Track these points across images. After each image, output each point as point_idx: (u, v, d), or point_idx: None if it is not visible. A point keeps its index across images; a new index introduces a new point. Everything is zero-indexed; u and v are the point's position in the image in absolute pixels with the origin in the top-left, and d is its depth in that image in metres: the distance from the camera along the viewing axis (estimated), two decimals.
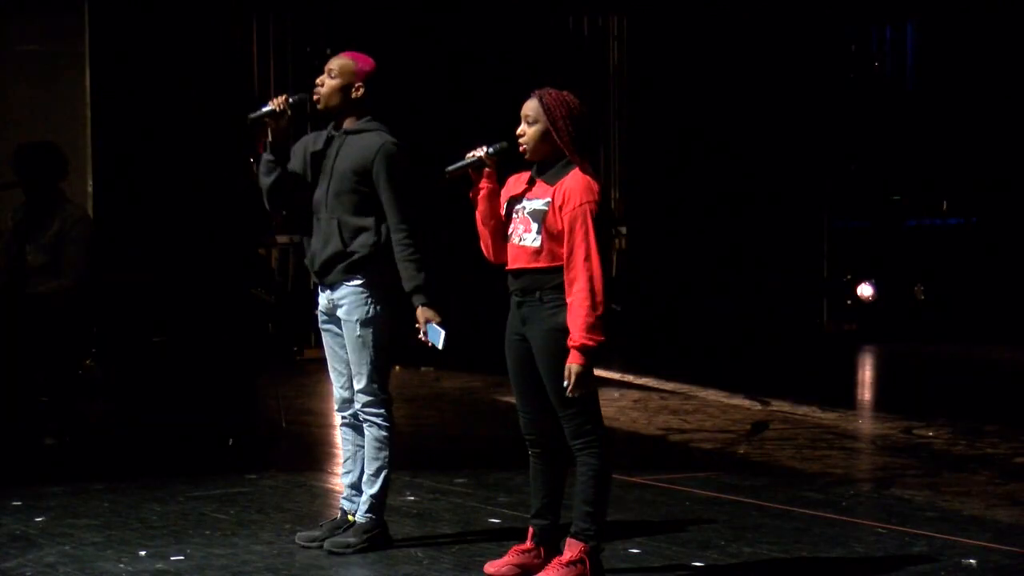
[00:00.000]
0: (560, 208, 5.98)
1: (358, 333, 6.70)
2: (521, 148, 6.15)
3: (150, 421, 9.23)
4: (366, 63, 6.84)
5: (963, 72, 16.24)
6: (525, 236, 6.06)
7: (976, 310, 15.61)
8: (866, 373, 14.14)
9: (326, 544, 6.72)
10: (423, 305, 6.57)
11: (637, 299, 14.27)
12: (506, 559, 6.28)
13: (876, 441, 9.83)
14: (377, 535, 6.70)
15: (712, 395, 11.27)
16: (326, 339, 6.93)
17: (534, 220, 6.04)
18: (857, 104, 16.02)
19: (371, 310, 6.66)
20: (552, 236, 6.00)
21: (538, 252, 6.02)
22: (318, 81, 6.84)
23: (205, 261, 9.58)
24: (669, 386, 11.65)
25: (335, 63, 6.84)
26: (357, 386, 6.71)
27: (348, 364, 6.80)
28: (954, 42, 16.36)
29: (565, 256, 5.97)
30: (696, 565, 6.51)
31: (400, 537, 6.90)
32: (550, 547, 6.25)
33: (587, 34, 15.23)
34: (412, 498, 7.82)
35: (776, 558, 6.64)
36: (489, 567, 6.28)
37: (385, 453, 6.69)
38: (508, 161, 6.33)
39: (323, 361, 7.17)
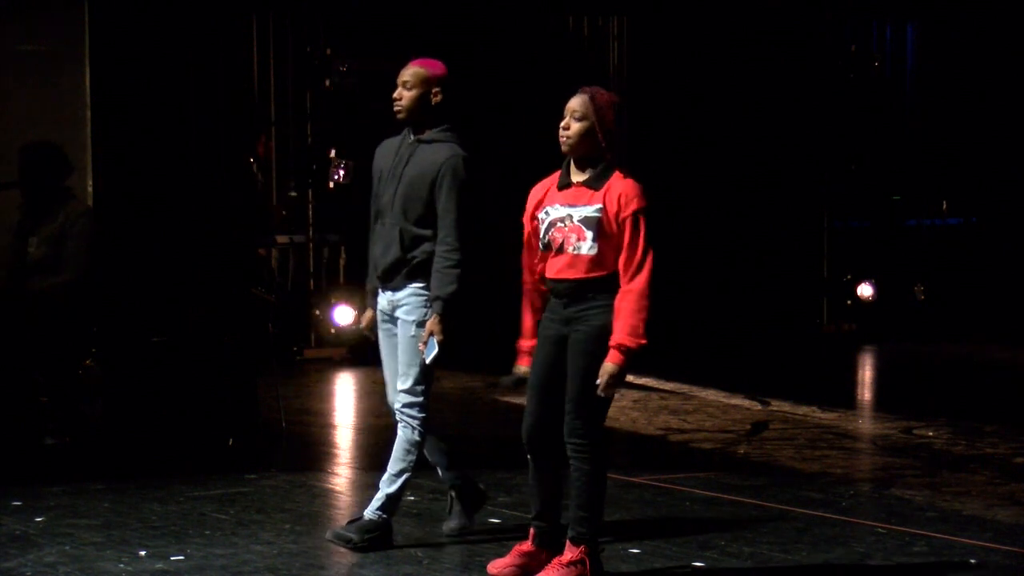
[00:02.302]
0: (616, 214, 5.96)
1: (412, 334, 6.74)
2: (563, 142, 6.10)
3: (150, 421, 9.23)
4: (438, 68, 6.87)
5: (963, 72, 16.23)
6: (580, 245, 6.00)
7: (976, 310, 15.60)
8: (866, 373, 14.14)
9: (328, 533, 6.74)
10: (437, 316, 6.57)
11: None
12: (508, 559, 6.28)
13: (876, 441, 9.84)
14: (379, 536, 6.71)
15: (712, 395, 11.27)
16: (383, 340, 6.96)
17: (588, 228, 5.99)
18: (857, 104, 16.01)
19: (429, 313, 6.67)
20: (608, 242, 5.98)
21: (595, 260, 5.99)
22: (395, 96, 6.82)
23: (205, 261, 9.58)
24: (669, 386, 11.65)
25: (408, 74, 6.82)
26: (401, 385, 6.75)
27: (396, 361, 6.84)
28: (954, 42, 16.36)
29: (621, 260, 5.95)
30: (696, 565, 6.51)
31: (400, 537, 6.90)
32: (552, 548, 6.25)
33: (587, 34, 15.23)
34: (412, 498, 7.82)
35: (776, 558, 6.64)
36: (492, 567, 6.28)
37: (412, 457, 6.75)
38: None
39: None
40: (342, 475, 8.82)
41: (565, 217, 6.05)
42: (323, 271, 14.06)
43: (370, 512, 6.76)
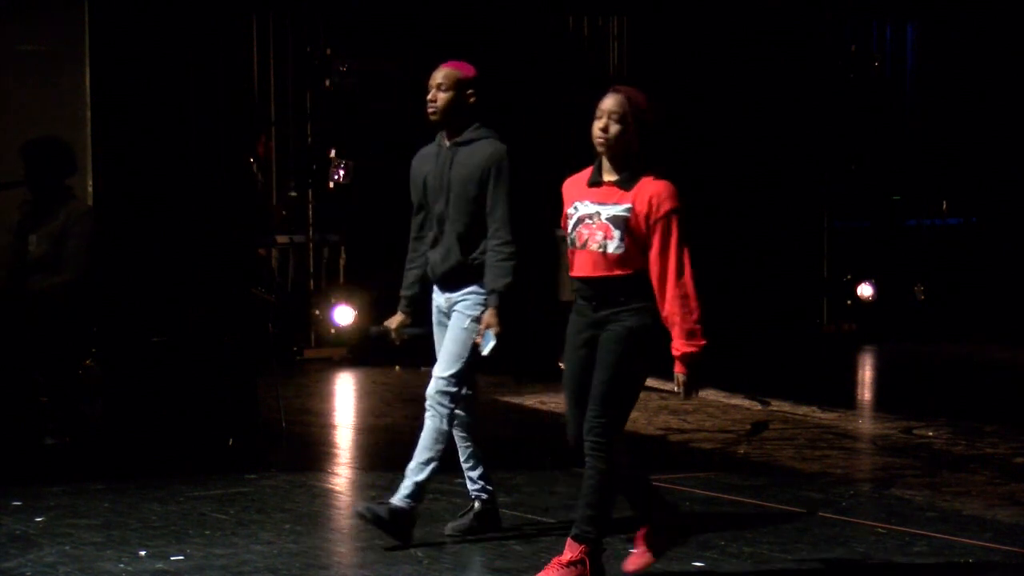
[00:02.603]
0: (647, 215, 5.95)
1: (465, 326, 6.77)
2: (600, 143, 6.08)
3: (150, 421, 9.23)
4: (470, 70, 6.91)
5: (963, 72, 16.23)
6: (607, 243, 5.99)
7: (976, 310, 15.60)
8: (866, 373, 14.14)
9: (358, 506, 6.83)
10: (494, 309, 6.62)
11: None
12: (638, 556, 6.28)
13: (876, 441, 9.83)
14: (406, 523, 6.76)
15: (712, 395, 11.27)
16: (439, 338, 6.95)
17: (616, 226, 5.98)
18: (857, 104, 16.01)
19: (485, 306, 6.73)
20: (635, 242, 5.97)
21: (621, 259, 5.98)
22: (429, 98, 6.84)
23: (205, 261, 9.58)
24: (669, 386, 11.60)
25: (440, 76, 6.85)
26: (441, 372, 6.78)
27: None
28: (954, 42, 16.36)
29: (654, 263, 5.95)
30: (696, 565, 6.51)
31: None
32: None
33: (587, 34, 15.23)
34: None
35: (776, 558, 6.64)
36: (627, 564, 6.28)
37: (440, 447, 6.78)
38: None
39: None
40: (342, 475, 8.82)
41: (593, 214, 6.04)
42: (323, 271, 14.06)
43: (398, 500, 6.78)
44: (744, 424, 10.29)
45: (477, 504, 7.03)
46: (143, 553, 6.67)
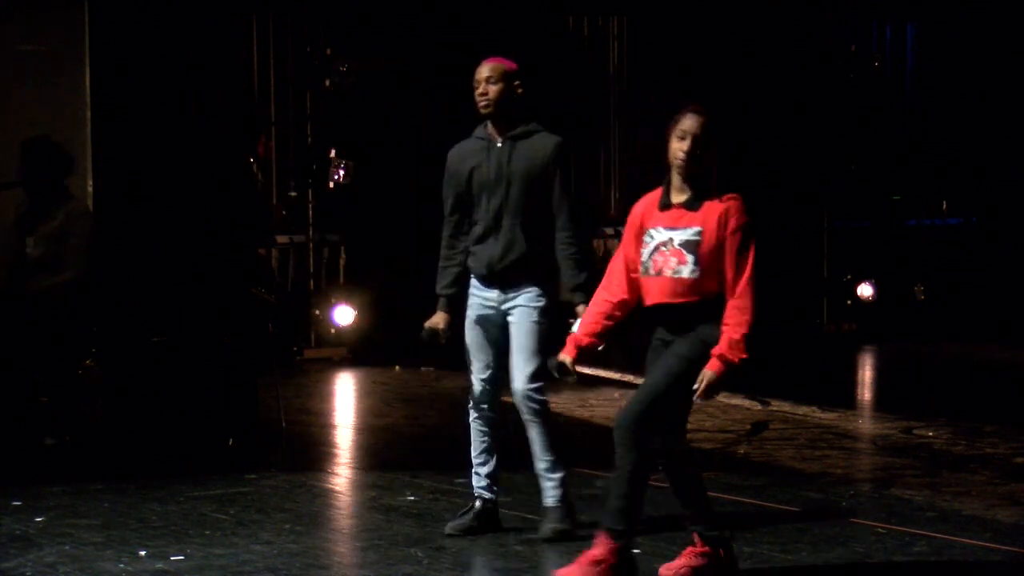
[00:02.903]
0: (717, 234, 5.97)
1: (535, 319, 6.81)
2: (680, 164, 6.07)
3: (150, 421, 9.23)
4: (513, 63, 6.98)
5: (963, 72, 16.23)
6: (681, 268, 6.00)
7: (976, 310, 15.60)
8: (866, 373, 14.15)
9: (546, 531, 6.82)
10: (582, 303, 6.65)
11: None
12: (681, 561, 6.24)
13: (876, 441, 9.84)
14: (572, 513, 6.91)
15: None
16: (481, 332, 6.98)
17: (688, 251, 6.00)
18: (857, 104, 16.01)
19: (548, 302, 6.82)
20: (708, 265, 5.99)
21: (696, 284, 6.00)
22: (481, 92, 6.90)
23: (205, 261, 9.57)
24: None
25: (488, 69, 6.93)
26: (529, 369, 6.81)
27: (496, 357, 6.92)
28: (954, 42, 16.35)
29: (729, 277, 5.97)
30: None
31: (400, 537, 6.91)
32: (727, 547, 6.24)
33: (587, 34, 15.23)
34: (412, 498, 7.83)
35: (776, 558, 6.64)
36: (664, 570, 6.24)
37: (558, 442, 6.93)
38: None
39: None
40: (342, 475, 8.82)
41: (667, 241, 6.06)
42: (323, 271, 14.06)
43: (553, 501, 6.88)
44: (744, 424, 10.28)
45: (478, 503, 7.03)
46: (143, 553, 6.67)
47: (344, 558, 6.74)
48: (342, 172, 13.40)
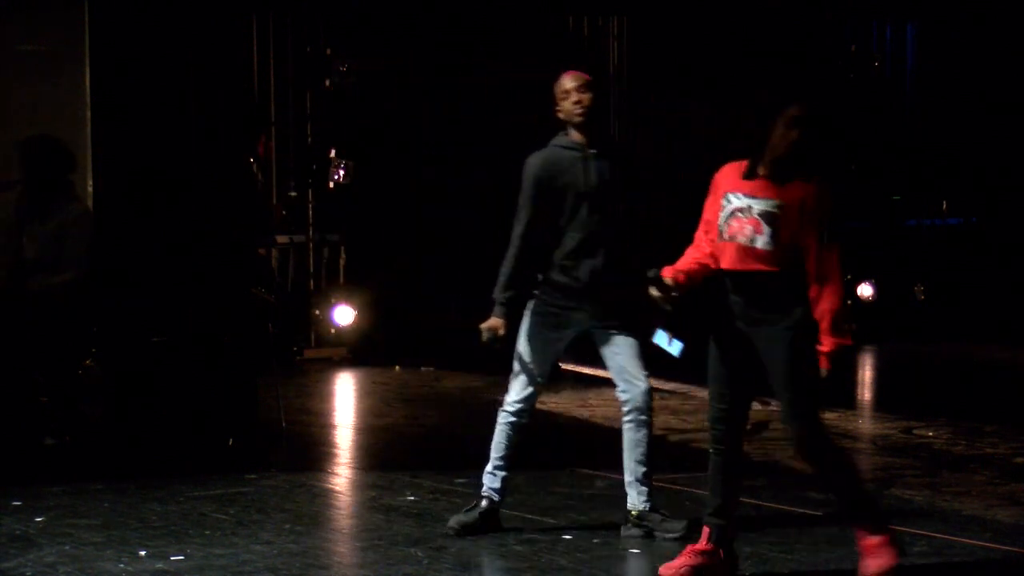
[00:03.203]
0: (800, 213, 6.00)
1: (631, 334, 6.92)
2: (782, 150, 6.12)
3: (150, 421, 9.22)
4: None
5: (963, 72, 16.23)
6: (757, 238, 6.04)
7: (976, 310, 15.60)
8: (866, 373, 14.13)
9: (665, 534, 6.89)
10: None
11: None
12: (681, 560, 6.23)
13: (876, 441, 9.83)
14: (658, 516, 7.02)
15: None
16: (547, 342, 7.00)
17: (766, 222, 6.02)
18: (857, 104, 16.01)
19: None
20: (784, 239, 6.01)
21: (770, 256, 6.03)
22: (575, 100, 6.97)
23: (205, 261, 9.57)
24: (669, 386, 11.62)
25: (580, 78, 7.06)
26: (644, 376, 7.01)
27: (551, 368, 7.01)
28: (954, 42, 16.35)
29: (812, 258, 6.03)
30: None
31: (400, 537, 6.91)
32: (728, 547, 6.24)
33: (587, 34, 15.22)
34: (412, 498, 7.82)
35: (776, 558, 6.64)
36: (664, 569, 6.23)
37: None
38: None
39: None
40: (342, 475, 8.82)
41: (745, 208, 6.07)
42: (323, 271, 14.06)
43: (640, 504, 6.97)
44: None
45: (485, 503, 7.03)
46: (143, 553, 6.67)
47: (344, 558, 6.74)
48: (342, 172, 13.40)
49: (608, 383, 11.58)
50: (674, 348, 6.46)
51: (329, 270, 14.07)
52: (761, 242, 6.02)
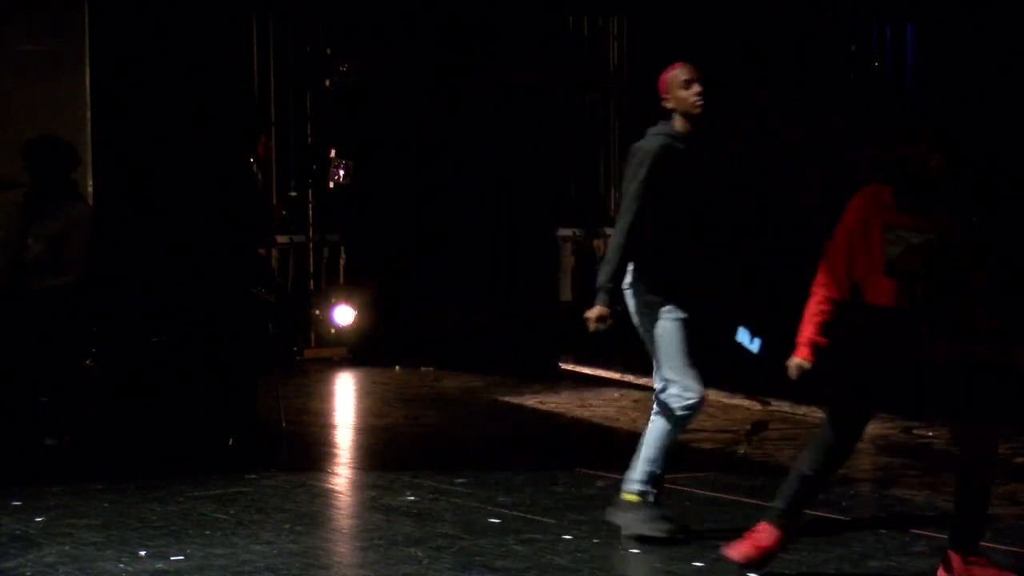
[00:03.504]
0: (953, 240, 6.06)
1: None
2: (935, 173, 6.20)
3: (150, 421, 9.23)
4: None
5: (963, 72, 16.23)
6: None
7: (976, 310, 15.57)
8: None
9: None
10: None
11: None
12: (748, 543, 6.31)
13: (876, 441, 9.82)
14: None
15: (712, 395, 11.25)
16: (686, 335, 7.20)
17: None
18: (857, 104, 16.01)
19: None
20: (945, 271, 6.13)
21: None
22: (697, 90, 7.49)
23: (205, 261, 9.57)
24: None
25: (699, 72, 7.50)
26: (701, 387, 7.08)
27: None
28: (954, 42, 16.35)
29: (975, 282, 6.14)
30: (696, 565, 6.51)
31: (400, 537, 6.90)
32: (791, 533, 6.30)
33: (587, 34, 15.22)
34: (412, 498, 7.82)
35: (776, 558, 6.63)
36: (732, 552, 6.31)
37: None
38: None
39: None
40: (342, 475, 8.82)
41: (924, 242, 6.14)
42: (323, 271, 14.06)
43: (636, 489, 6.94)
44: (744, 424, 10.28)
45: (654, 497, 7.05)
46: (143, 553, 6.67)
47: (344, 558, 6.74)
48: (342, 172, 13.40)
49: (608, 383, 11.58)
50: (754, 346, 6.55)
51: (329, 270, 14.07)
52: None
